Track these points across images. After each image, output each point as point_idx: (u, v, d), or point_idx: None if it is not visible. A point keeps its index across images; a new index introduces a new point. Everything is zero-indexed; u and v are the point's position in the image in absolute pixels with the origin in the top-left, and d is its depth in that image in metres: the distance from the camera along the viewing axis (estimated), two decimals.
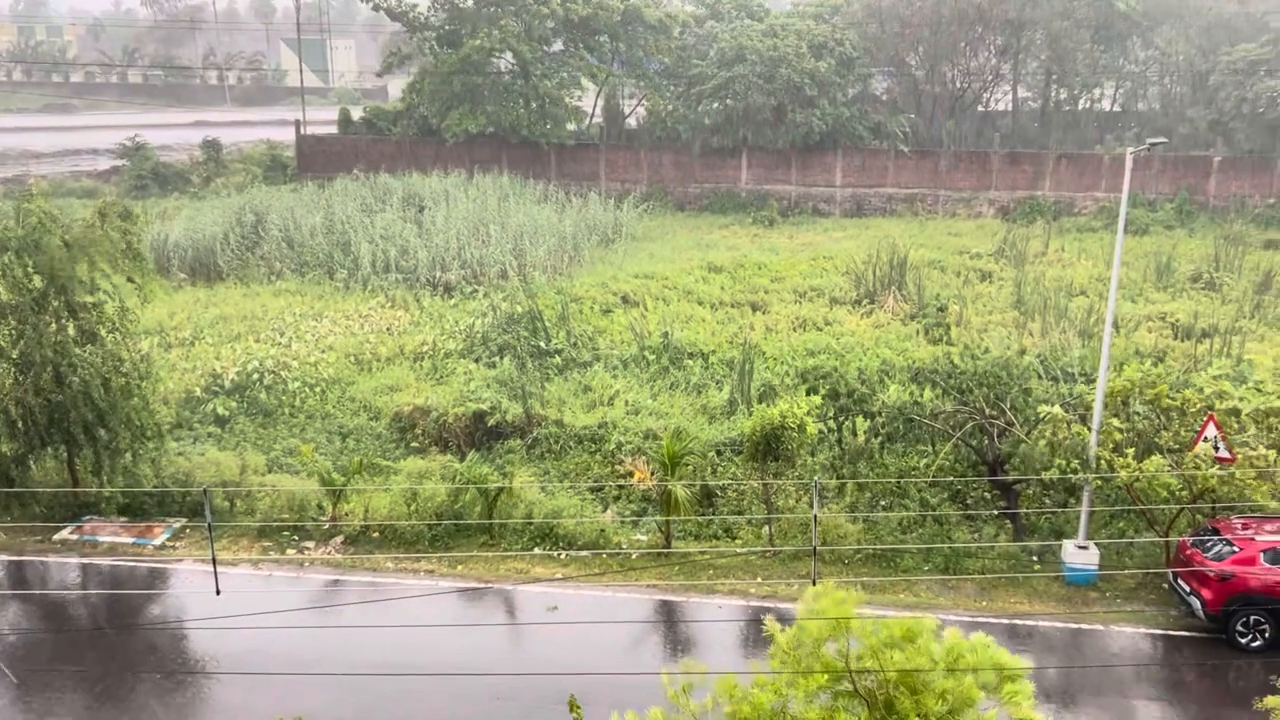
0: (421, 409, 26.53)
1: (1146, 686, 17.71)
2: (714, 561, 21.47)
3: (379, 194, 46.10)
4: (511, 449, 25.14)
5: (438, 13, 55.02)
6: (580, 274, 38.84)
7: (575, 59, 55.30)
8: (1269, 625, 18.27)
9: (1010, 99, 58.46)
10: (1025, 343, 30.45)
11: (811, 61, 51.19)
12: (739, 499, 23.32)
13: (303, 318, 33.32)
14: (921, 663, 9.77)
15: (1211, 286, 36.83)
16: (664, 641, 19.19)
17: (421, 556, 21.66)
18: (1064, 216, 49.23)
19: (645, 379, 28.69)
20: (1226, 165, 49.44)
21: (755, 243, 45.47)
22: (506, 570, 21.30)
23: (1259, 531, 18.91)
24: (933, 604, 19.67)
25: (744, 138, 52.96)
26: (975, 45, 56.19)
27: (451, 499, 22.30)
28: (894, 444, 24.06)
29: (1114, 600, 20.08)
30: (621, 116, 59.61)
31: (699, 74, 52.70)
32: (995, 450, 22.10)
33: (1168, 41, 53.82)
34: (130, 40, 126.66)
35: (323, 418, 27.16)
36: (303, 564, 21.69)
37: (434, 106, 55.07)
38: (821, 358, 28.69)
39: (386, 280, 36.93)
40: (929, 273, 38.01)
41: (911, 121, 53.99)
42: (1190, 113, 52.34)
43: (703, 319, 33.60)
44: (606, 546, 21.85)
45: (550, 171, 54.47)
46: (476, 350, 30.62)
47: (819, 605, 10.20)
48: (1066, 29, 52.17)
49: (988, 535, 21.77)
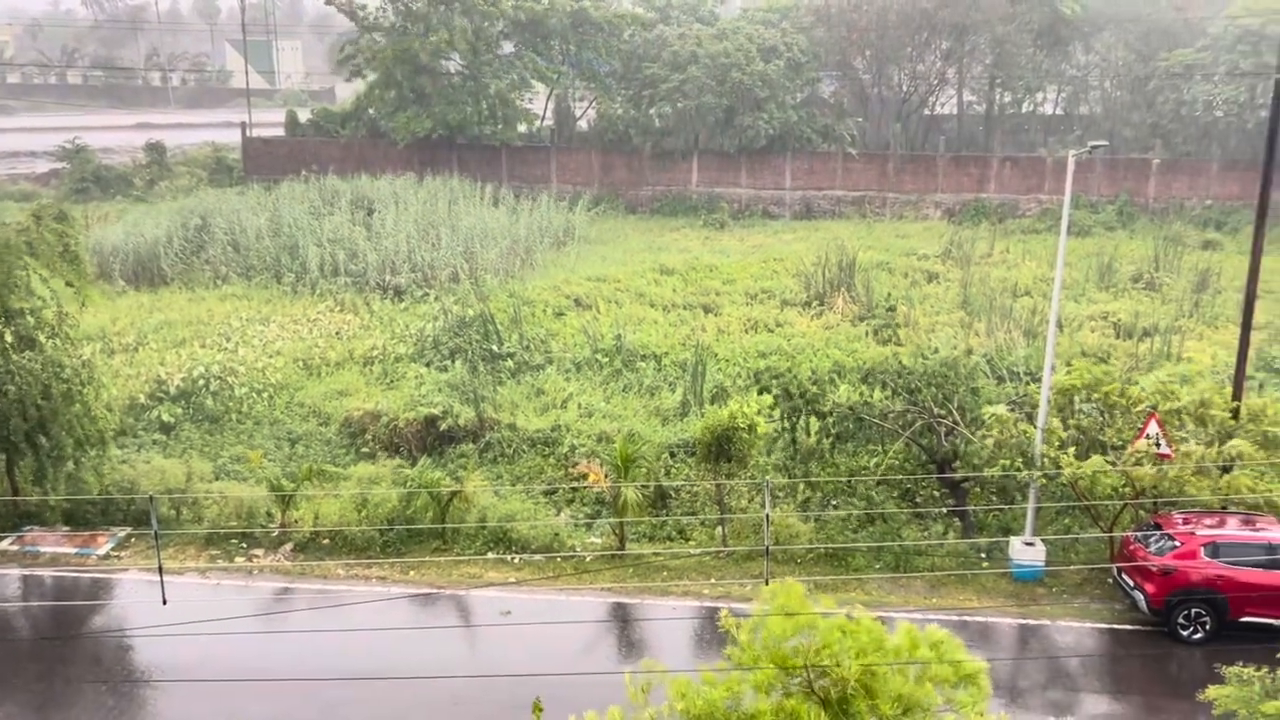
0: (372, 414, 26.29)
1: (1092, 679, 18.04)
2: (668, 563, 21.51)
3: (327, 196, 45.62)
4: (464, 453, 24.99)
5: (388, 13, 54.57)
6: (532, 277, 38.74)
7: (525, 61, 55.16)
8: (1209, 618, 18.69)
9: (955, 103, 59.29)
10: (972, 342, 30.88)
11: (761, 65, 51.57)
12: (692, 500, 23.41)
13: (249, 322, 32.86)
14: (881, 659, 9.86)
15: (1152, 286, 37.64)
16: (618, 643, 19.20)
17: (373, 563, 21.47)
18: (1008, 218, 50.03)
19: (598, 382, 28.68)
20: (1165, 168, 50.55)
21: (706, 245, 45.66)
22: (459, 575, 21.18)
23: (1199, 526, 19.34)
24: (883, 602, 19.87)
25: (695, 140, 53.20)
26: (921, 49, 56.94)
27: (403, 504, 22.12)
28: (845, 444, 24.27)
29: (1060, 595, 20.42)
30: (572, 119, 59.57)
31: (651, 77, 52.84)
32: (944, 449, 22.39)
33: (1108, 47, 54.98)
34: (69, 40, 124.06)
35: (271, 423, 26.81)
36: (251, 572, 21.39)
37: (383, 108, 54.65)
38: (773, 359, 28.87)
39: (335, 284, 36.54)
40: (877, 274, 38.42)
41: (859, 125, 54.58)
42: (1130, 116, 53.46)
43: (655, 321, 33.67)
44: (560, 550, 21.81)
45: (501, 174, 54.27)
46: (427, 354, 30.41)
47: (779, 602, 10.27)
48: (1009, 33, 53.05)
49: (937, 533, 22.05)
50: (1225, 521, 19.49)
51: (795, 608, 10.01)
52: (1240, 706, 12.26)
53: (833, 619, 10.20)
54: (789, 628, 9.94)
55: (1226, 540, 18.95)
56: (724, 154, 53.33)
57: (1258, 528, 19.25)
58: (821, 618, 10.09)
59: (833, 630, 9.89)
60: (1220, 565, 18.68)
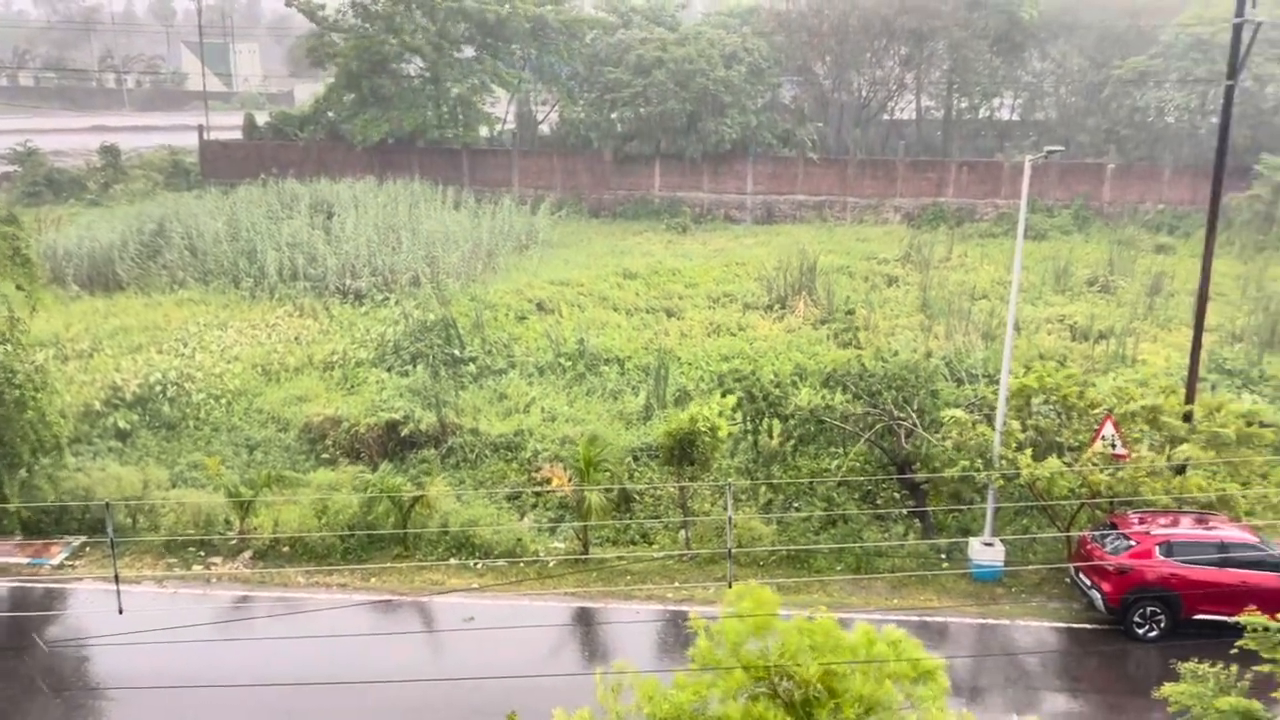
0: (332, 419, 26.07)
1: (1051, 678, 18.27)
2: (631, 567, 21.52)
3: (286, 200, 45.15)
4: (425, 458, 24.84)
5: (348, 14, 54.18)
6: (494, 281, 38.59)
7: (486, 64, 55.00)
8: (1164, 616, 19.01)
9: (914, 108, 59.84)
10: (931, 345, 31.18)
11: (724, 70, 51.79)
12: (656, 504, 23.44)
13: (207, 327, 32.47)
14: (841, 660, 9.92)
15: (1107, 289, 38.21)
16: (582, 648, 19.17)
17: (333, 570, 21.28)
18: (966, 222, 50.59)
19: (561, 386, 28.64)
20: (1119, 172, 51.37)
21: (669, 249, 45.74)
22: (421, 581, 21.05)
23: (1153, 525, 19.65)
24: (845, 603, 20.01)
25: (657, 145, 53.31)
26: (880, 55, 57.42)
27: (364, 510, 21.94)
28: (807, 446, 24.41)
29: (1019, 595, 20.66)
30: (534, 122, 59.47)
31: (613, 81, 52.87)
32: (904, 450, 22.59)
33: (1063, 54, 55.71)
34: (21, 42, 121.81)
35: (229, 430, 26.51)
36: (209, 580, 21.13)
37: (342, 110, 54.24)
38: (736, 362, 28.98)
39: (294, 288, 36.17)
40: (838, 278, 38.69)
41: (820, 130, 54.92)
42: (1085, 122, 54.25)
43: (618, 325, 33.67)
44: (523, 555, 21.75)
45: (463, 177, 54.04)
46: (388, 359, 30.20)
47: (741, 605, 10.31)
48: (967, 40, 53.64)
49: (897, 534, 22.24)
50: (1179, 521, 19.82)
51: (762, 611, 10.05)
52: (1195, 703, 12.46)
53: (791, 621, 10.26)
54: (748, 630, 9.98)
55: (1180, 539, 19.27)
56: (686, 158, 53.46)
57: (1210, 527, 19.60)
58: (780, 619, 10.15)
59: (791, 632, 9.95)
60: (1174, 564, 19.00)
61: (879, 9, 53.59)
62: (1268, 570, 18.82)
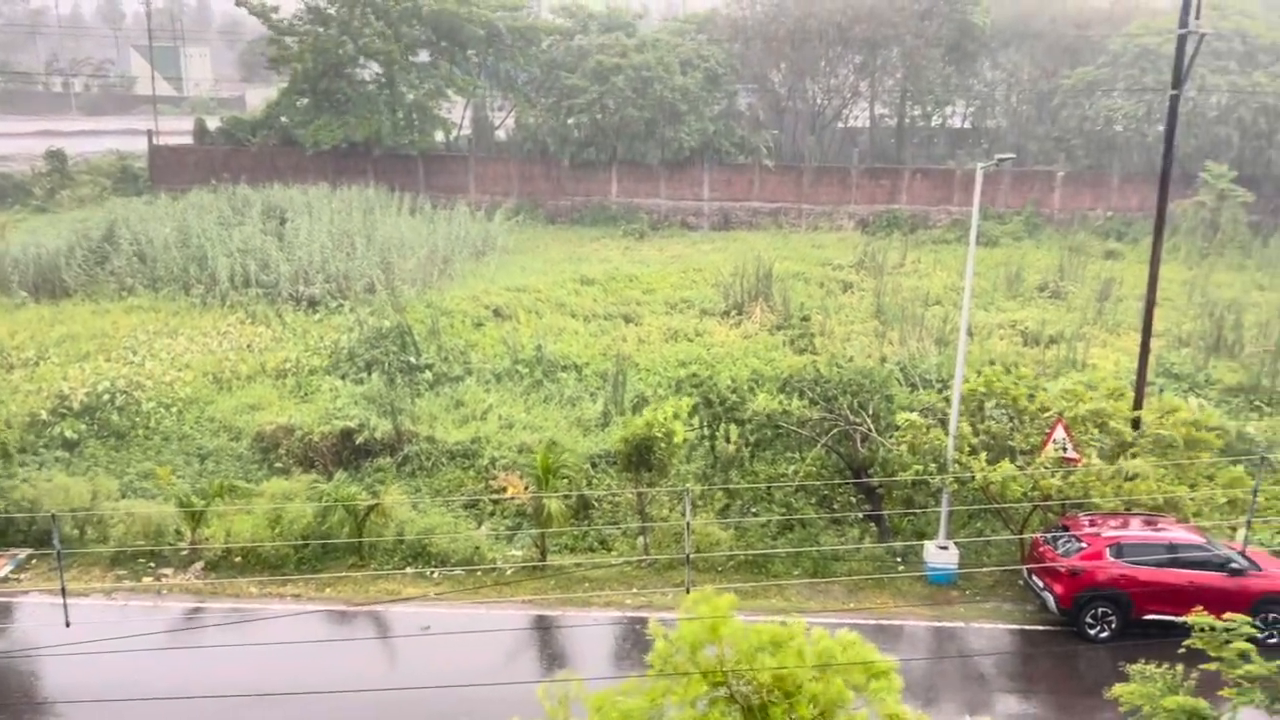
0: (285, 428, 25.75)
1: (1005, 679, 18.47)
2: (589, 574, 21.47)
3: (238, 206, 44.59)
4: (381, 467, 24.63)
5: (303, 18, 53.65)
6: (451, 287, 38.38)
7: (442, 70, 54.72)
8: (1115, 616, 19.30)
9: (868, 116, 60.42)
10: (885, 351, 31.46)
11: (681, 78, 51.96)
12: (614, 510, 23.41)
13: (157, 335, 31.96)
14: (793, 663, 9.97)
15: (1057, 295, 38.80)
16: (540, 656, 19.08)
17: (287, 580, 21.02)
18: (920, 229, 51.14)
19: (519, 393, 28.52)
20: (1069, 180, 52.22)
21: (626, 255, 45.77)
22: (377, 591, 20.84)
23: (1104, 528, 19.96)
24: (803, 607, 20.08)
25: (614, 151, 53.34)
26: (835, 63, 57.92)
27: (318, 519, 21.69)
28: (764, 451, 24.51)
29: (974, 597, 20.88)
30: (490, 128, 59.25)
31: (571, 87, 52.84)
32: (860, 455, 22.75)
33: (1013, 63, 56.56)
34: None
35: (180, 439, 26.10)
36: (160, 591, 20.78)
37: (296, 115, 53.69)
38: (693, 368, 29.04)
39: (246, 295, 35.70)
40: (794, 284, 38.93)
41: (775, 137, 55.27)
42: (1035, 130, 55.09)
43: (576, 331, 33.62)
44: (481, 563, 21.62)
45: (418, 183, 53.69)
46: (343, 366, 29.90)
47: (698, 611, 10.32)
48: (920, 48, 54.28)
49: (853, 538, 22.39)
50: (1129, 523, 20.14)
51: (713, 617, 10.06)
52: (1144, 702, 12.65)
53: (743, 624, 10.30)
54: (704, 635, 9.99)
55: (1130, 541, 19.59)
56: (643, 165, 53.58)
57: (1159, 528, 19.94)
58: (735, 624, 10.18)
59: (746, 636, 9.98)
60: (1124, 565, 19.30)
61: (833, 17, 54.06)
62: (1213, 570, 19.20)
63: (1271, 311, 33.95)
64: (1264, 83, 48.55)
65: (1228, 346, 32.33)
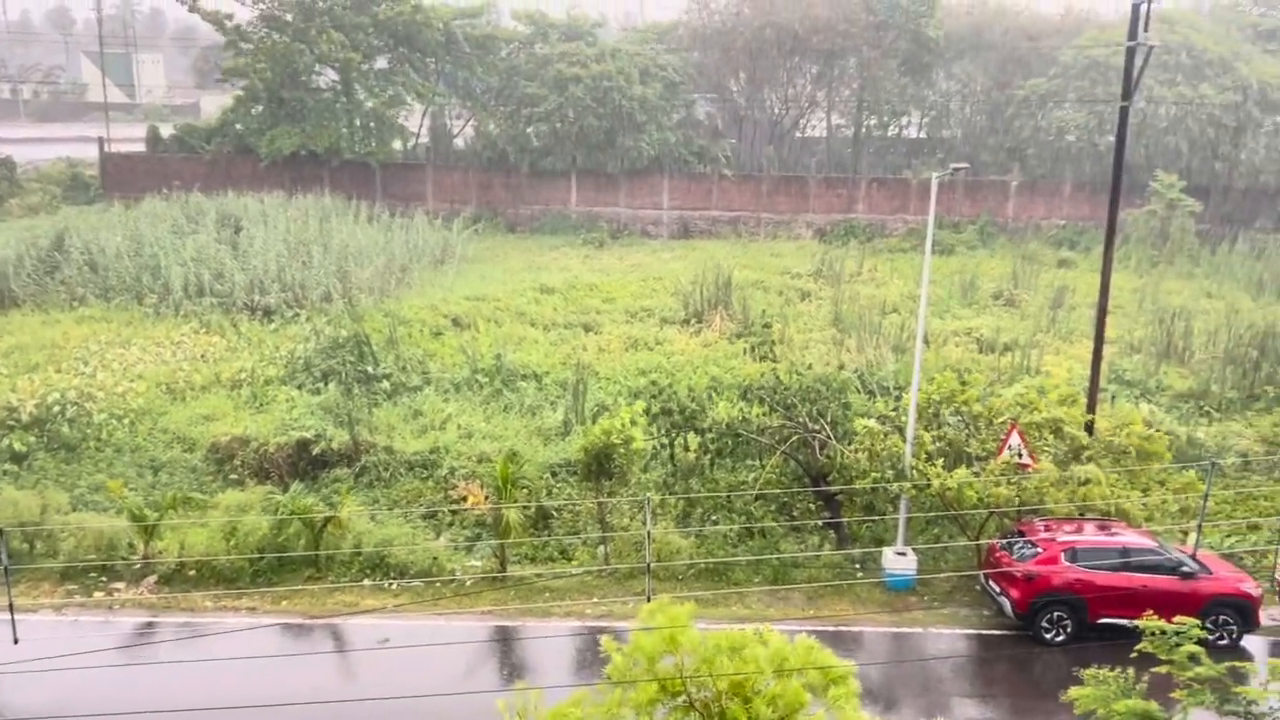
0: (240, 439, 25.43)
1: (963, 684, 18.62)
2: (550, 584, 21.38)
3: (191, 214, 44.05)
4: (338, 478, 24.38)
5: (257, 25, 53.13)
6: (409, 296, 38.14)
7: (399, 77, 54.43)
8: (1070, 621, 19.53)
9: (825, 126, 60.94)
10: (844, 358, 31.69)
11: (640, 87, 52.09)
12: (574, 519, 23.34)
13: (109, 345, 31.45)
14: (752, 668, 10.00)
15: (1011, 303, 39.30)
16: (500, 667, 18.96)
17: (243, 593, 20.73)
18: (876, 238, 51.66)
19: (478, 402, 28.38)
20: (1022, 189, 52.98)
21: (586, 264, 45.76)
22: (334, 603, 20.61)
23: (1059, 532, 20.21)
24: (763, 615, 20.13)
25: (574, 160, 53.34)
26: (793, 74, 58.37)
27: (274, 532, 21.41)
28: (724, 459, 24.57)
29: (932, 603, 21.05)
30: (449, 136, 59.03)
31: (530, 95, 52.78)
32: (818, 462, 22.87)
33: (967, 74, 57.33)
34: None
35: (132, 451, 25.67)
36: (112, 606, 20.41)
37: (251, 123, 53.14)
38: (653, 376, 29.07)
39: (200, 305, 35.24)
40: (753, 292, 39.12)
41: (734, 146, 55.60)
42: (989, 140, 55.86)
43: (536, 340, 33.54)
44: (440, 574, 21.46)
45: (376, 192, 53.35)
46: (299, 376, 29.58)
47: (654, 621, 10.32)
48: (875, 59, 54.87)
49: (813, 545, 22.50)
50: (1083, 528, 20.41)
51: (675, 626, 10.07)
52: (1098, 705, 12.82)
53: (699, 633, 10.31)
54: (662, 645, 9.99)
55: (1085, 546, 19.85)
56: (603, 174, 53.65)
57: (1112, 532, 20.23)
58: (693, 632, 10.19)
59: (703, 643, 10.00)
60: (1079, 570, 19.54)
61: (791, 26, 54.50)
62: (1166, 574, 19.50)
63: (1219, 319, 34.60)
64: (1211, 95, 49.59)
65: (1178, 353, 32.91)
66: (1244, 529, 23.60)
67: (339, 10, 51.45)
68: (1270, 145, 49.80)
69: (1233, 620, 19.39)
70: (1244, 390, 29.83)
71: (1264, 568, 22.13)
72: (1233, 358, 30.92)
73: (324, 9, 51.24)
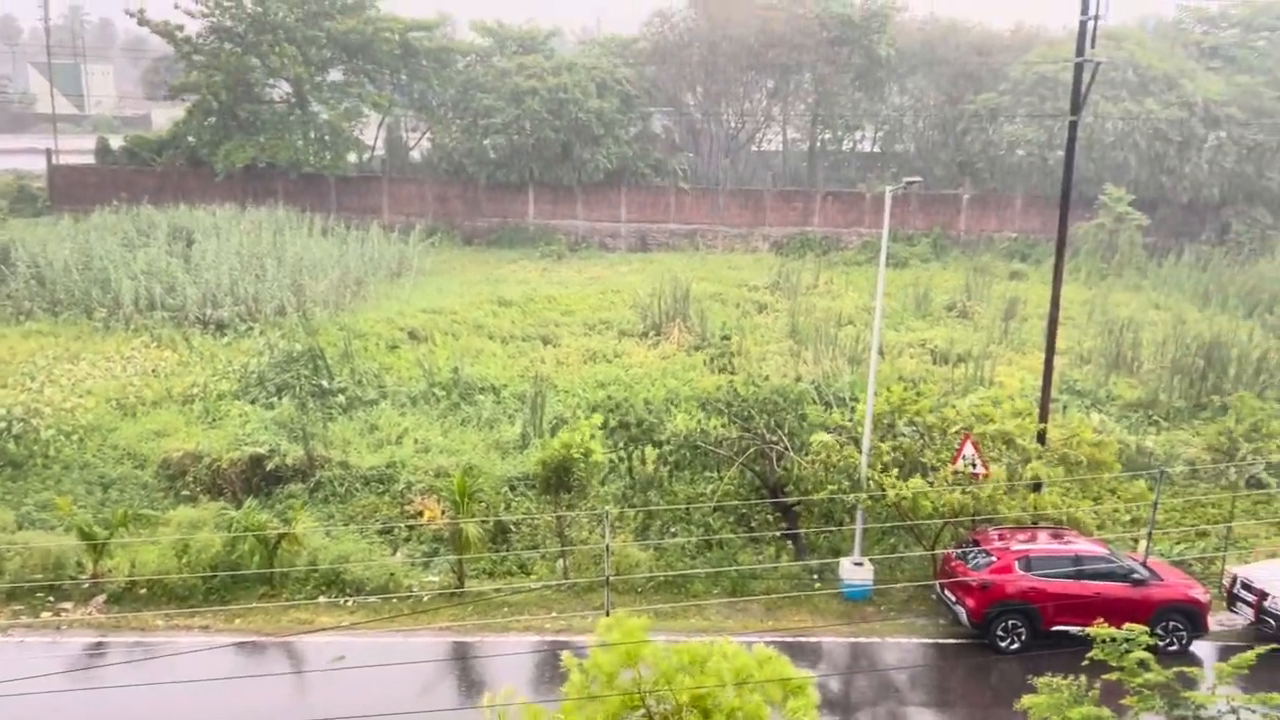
0: (193, 455, 25.06)
1: (920, 693, 18.76)
2: (508, 599, 21.26)
3: (143, 227, 43.42)
4: (293, 494, 24.10)
5: (208, 37, 52.54)
6: (364, 310, 37.85)
7: (355, 88, 54.08)
8: (1025, 629, 19.75)
9: (781, 139, 61.42)
10: (800, 370, 31.89)
11: (597, 100, 52.20)
12: (533, 533, 23.24)
13: (56, 360, 30.87)
14: (711, 683, 10.01)
15: (964, 315, 39.81)
16: (458, 683, 18.81)
17: (195, 612, 20.39)
18: (832, 251, 52.14)
19: (435, 416, 28.20)
20: (974, 203, 53.75)
21: (544, 277, 45.71)
22: (289, 621, 20.34)
23: (1013, 541, 20.46)
24: (722, 627, 20.17)
25: (531, 173, 53.30)
26: (749, 88, 58.80)
27: (227, 549, 21.11)
28: (682, 471, 24.61)
29: (889, 613, 21.19)
30: (405, 148, 58.72)
31: (487, 107, 52.69)
32: (776, 474, 22.98)
33: (920, 89, 58.11)
34: None
35: (81, 467, 25.20)
36: (59, 627, 19.99)
37: (203, 135, 52.53)
38: (612, 389, 29.08)
39: (151, 319, 34.72)
40: (711, 305, 39.28)
41: (691, 160, 55.88)
42: (941, 155, 56.63)
43: (493, 353, 33.42)
44: (397, 590, 21.26)
45: (330, 204, 52.92)
46: (252, 391, 29.22)
47: (612, 636, 10.30)
48: (830, 74, 55.46)
49: (771, 556, 22.58)
50: (1036, 536, 20.68)
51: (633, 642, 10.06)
52: (1051, 713, 12.98)
53: (660, 645, 10.32)
54: (620, 659, 9.98)
55: (1038, 554, 20.09)
56: (560, 186, 53.67)
57: (1065, 541, 20.51)
58: (652, 646, 10.19)
59: (662, 657, 10.00)
60: (1033, 578, 19.78)
61: (746, 41, 54.94)
62: (1118, 581, 19.80)
63: (1167, 330, 35.27)
64: (1156, 110, 50.64)
65: (1127, 363, 33.50)
66: (1192, 536, 24.05)
67: (291, 22, 51.00)
68: (1214, 160, 50.96)
69: (1182, 626, 19.73)
70: (1191, 399, 30.41)
71: (1212, 574, 22.55)
72: (1180, 368, 31.51)
73: (276, 21, 50.75)
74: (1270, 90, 52.38)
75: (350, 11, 52.52)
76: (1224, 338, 32.65)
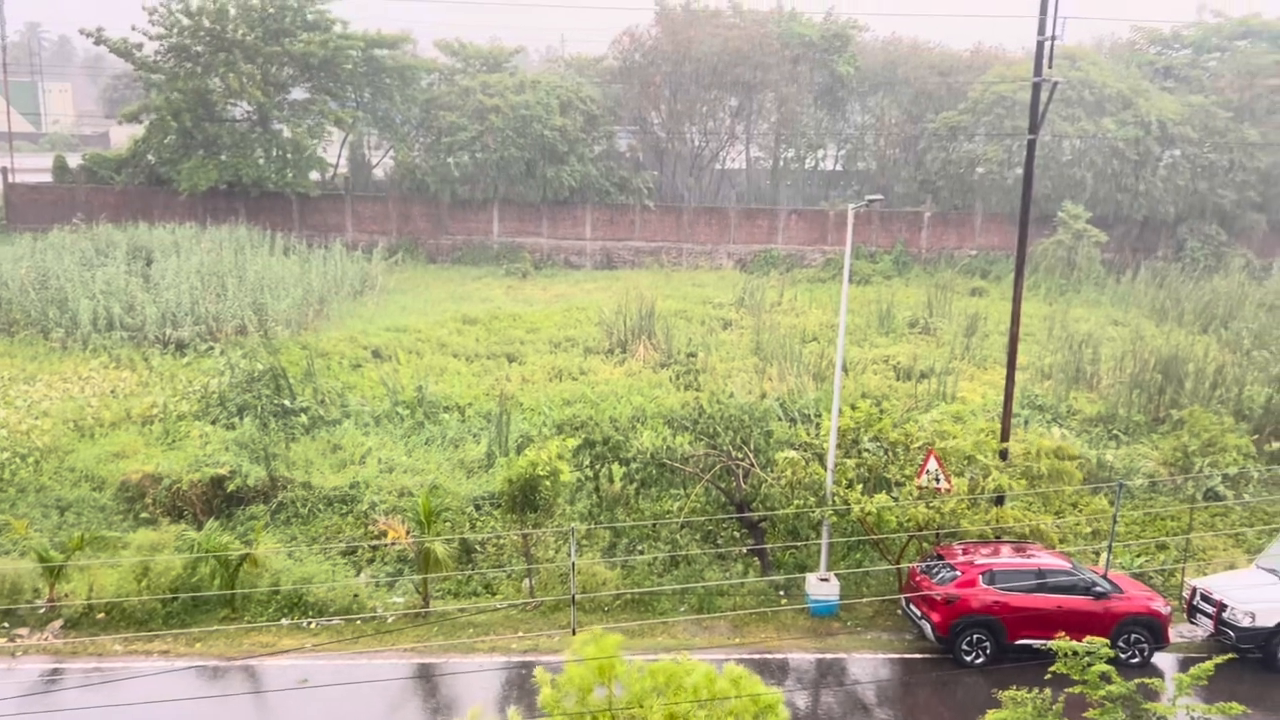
0: (152, 476, 24.70)
1: (886, 708, 18.82)
2: (474, 619, 21.11)
3: (101, 246, 42.88)
4: (254, 515, 23.80)
5: (167, 56, 52.01)
6: (327, 328, 37.56)
7: (318, 105, 53.80)
8: (990, 642, 19.89)
9: (744, 157, 61.84)
10: (765, 387, 32.01)
11: (561, 118, 52.31)
12: (499, 553, 23.10)
13: (12, 381, 30.37)
14: (683, 701, 9.98)
15: (927, 331, 40.16)
16: (424, 705, 18.63)
17: (155, 636, 20.06)
18: (796, 268, 52.48)
19: (399, 435, 28.00)
20: (935, 220, 54.36)
21: (509, 294, 45.61)
22: (251, 644, 20.07)
23: (976, 555, 20.61)
24: (689, 644, 20.13)
25: (496, 190, 53.26)
26: (713, 106, 59.21)
27: (188, 571, 20.81)
28: (648, 489, 24.58)
29: (855, 628, 21.26)
30: (368, 166, 58.45)
31: (450, 125, 52.62)
32: (742, 490, 23.02)
33: (881, 108, 58.75)
34: None
35: (37, 490, 24.75)
36: (14, 654, 19.58)
37: (164, 153, 51.98)
38: (578, 406, 29.01)
39: (110, 339, 34.24)
40: (676, 322, 39.37)
41: (655, 178, 56.08)
42: (902, 173, 57.26)
43: (458, 372, 33.25)
44: (361, 611, 21.05)
45: (293, 223, 52.55)
46: (213, 411, 28.87)
47: (586, 652, 10.26)
48: (793, 93, 55.95)
49: (737, 573, 22.59)
50: (1000, 550, 20.85)
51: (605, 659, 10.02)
52: None
53: (634, 664, 10.29)
54: (592, 677, 9.94)
55: (1002, 568, 20.25)
56: (525, 204, 53.67)
57: (1028, 554, 20.70)
58: (624, 663, 10.16)
59: (635, 675, 9.97)
60: (997, 592, 19.94)
61: (710, 60, 55.31)
62: (1080, 594, 19.99)
63: (1125, 345, 35.78)
64: (1112, 129, 51.53)
65: (1086, 378, 33.92)
66: (1152, 548, 24.35)
67: (250, 41, 50.65)
68: (1169, 178, 51.93)
69: (1144, 638, 19.94)
70: (1149, 413, 30.85)
71: (1172, 586, 22.84)
72: (1138, 382, 31.96)
73: (234, 40, 50.37)
74: (1222, 110, 53.50)
75: (311, 29, 52.25)
76: (1180, 352, 33.15)
